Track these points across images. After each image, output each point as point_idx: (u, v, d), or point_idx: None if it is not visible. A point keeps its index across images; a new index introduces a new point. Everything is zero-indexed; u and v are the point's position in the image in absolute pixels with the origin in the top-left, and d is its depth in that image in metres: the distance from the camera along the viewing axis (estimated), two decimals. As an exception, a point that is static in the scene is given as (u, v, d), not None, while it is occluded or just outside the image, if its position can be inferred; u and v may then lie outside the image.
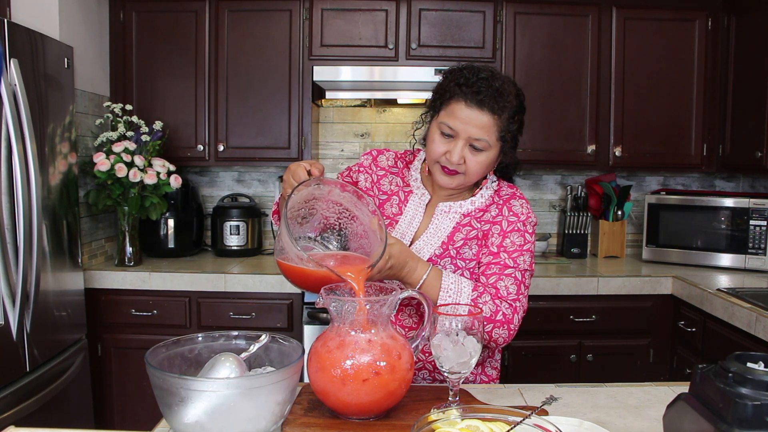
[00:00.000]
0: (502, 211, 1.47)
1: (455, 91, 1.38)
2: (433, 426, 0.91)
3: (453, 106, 1.38)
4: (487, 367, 1.57)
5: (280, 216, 1.23)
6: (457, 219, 1.49)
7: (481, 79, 1.37)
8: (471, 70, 1.40)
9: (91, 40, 2.86)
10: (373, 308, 1.15)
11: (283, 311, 2.73)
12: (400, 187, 1.56)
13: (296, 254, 1.19)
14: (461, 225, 1.49)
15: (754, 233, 2.81)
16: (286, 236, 1.17)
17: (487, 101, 1.35)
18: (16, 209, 2.01)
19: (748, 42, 2.87)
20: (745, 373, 0.80)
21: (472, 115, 1.36)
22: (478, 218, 1.49)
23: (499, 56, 3.00)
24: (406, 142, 1.63)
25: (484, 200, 1.50)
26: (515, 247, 1.43)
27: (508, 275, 1.41)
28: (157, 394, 0.98)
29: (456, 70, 1.42)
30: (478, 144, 1.38)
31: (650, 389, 1.39)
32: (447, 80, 1.42)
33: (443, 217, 1.50)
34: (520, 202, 1.49)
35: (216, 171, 3.40)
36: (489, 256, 1.44)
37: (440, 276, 1.36)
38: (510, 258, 1.42)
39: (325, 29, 2.98)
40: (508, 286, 1.40)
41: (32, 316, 2.11)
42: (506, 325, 1.37)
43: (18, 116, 1.99)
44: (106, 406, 2.77)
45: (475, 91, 1.36)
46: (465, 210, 1.50)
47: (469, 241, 1.47)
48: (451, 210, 1.50)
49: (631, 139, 3.06)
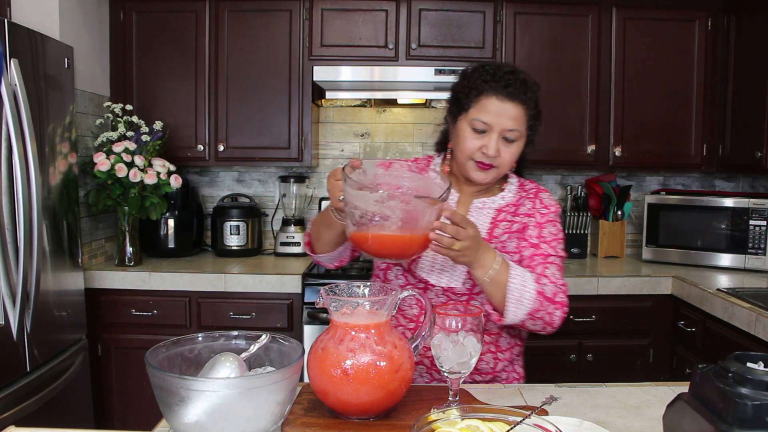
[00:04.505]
0: (535, 204, 1.53)
1: (483, 87, 1.43)
2: (433, 426, 0.91)
3: (483, 101, 1.43)
4: (516, 365, 1.58)
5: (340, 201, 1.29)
6: (492, 214, 1.53)
7: (506, 72, 1.44)
8: (493, 65, 1.47)
9: (91, 40, 2.86)
10: (373, 308, 1.15)
11: (283, 311, 2.73)
12: None
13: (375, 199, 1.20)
14: (497, 220, 1.52)
15: (754, 233, 2.81)
16: (356, 195, 1.21)
17: (516, 93, 1.42)
18: (16, 209, 2.01)
19: (748, 42, 2.87)
20: (745, 373, 0.80)
21: (504, 107, 1.42)
22: (513, 213, 1.53)
23: (499, 56, 3.00)
24: (406, 142, 1.64)
25: (513, 195, 1.55)
26: (552, 236, 1.50)
27: (551, 263, 1.47)
28: (157, 394, 0.98)
29: (478, 68, 1.48)
30: (511, 135, 1.43)
31: (650, 389, 1.39)
32: (471, 78, 1.46)
33: (478, 213, 1.53)
34: (547, 194, 1.57)
35: (216, 171, 3.40)
36: (531, 248, 1.49)
37: (508, 266, 1.38)
38: (550, 247, 1.48)
39: (325, 29, 2.98)
40: (555, 272, 1.46)
41: (32, 316, 2.11)
42: (563, 308, 1.42)
43: (18, 116, 1.99)
44: (106, 406, 2.77)
45: (503, 84, 1.42)
46: (497, 205, 1.54)
47: (511, 234, 1.51)
48: (485, 206, 1.54)
49: (631, 139, 3.06)
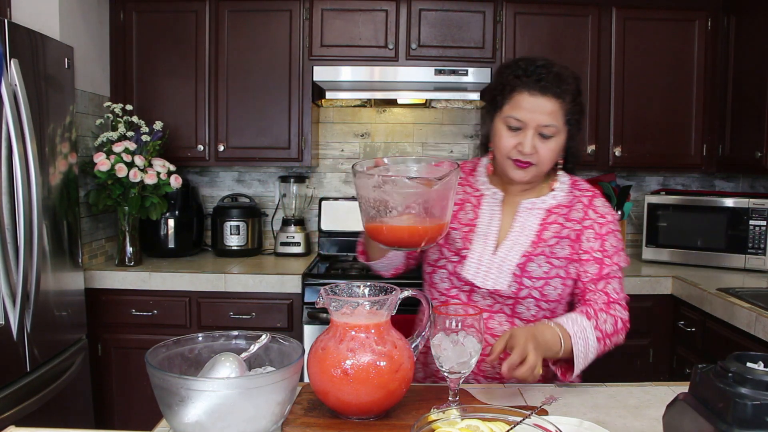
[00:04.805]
0: (588, 214, 1.47)
1: (516, 83, 1.39)
2: (433, 426, 0.91)
3: (516, 98, 1.39)
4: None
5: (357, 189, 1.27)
6: (542, 215, 1.48)
7: (539, 66, 1.38)
8: (526, 60, 1.42)
9: (92, 40, 2.86)
10: (373, 308, 1.15)
11: (283, 311, 2.73)
12: (469, 194, 1.54)
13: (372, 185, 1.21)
14: (547, 222, 1.47)
15: (754, 233, 2.81)
16: (359, 185, 1.22)
17: (549, 87, 1.36)
18: (16, 209, 2.01)
19: (748, 42, 2.87)
20: (745, 373, 0.80)
21: (538, 102, 1.37)
22: (565, 216, 1.47)
23: (499, 56, 3.00)
24: (406, 142, 1.64)
25: (564, 194, 1.50)
26: (614, 249, 1.46)
27: (613, 277, 1.44)
28: (157, 394, 0.98)
29: (511, 64, 1.44)
30: (547, 131, 1.38)
31: (650, 389, 1.39)
32: (504, 75, 1.43)
33: (527, 214, 1.48)
34: (602, 201, 1.51)
35: (216, 171, 3.40)
36: (594, 264, 1.44)
37: (567, 332, 1.34)
38: (613, 262, 1.45)
39: (325, 29, 2.98)
40: (616, 288, 1.44)
41: (32, 316, 2.11)
42: (625, 327, 1.44)
43: (18, 116, 1.99)
44: (106, 406, 2.77)
45: (536, 79, 1.37)
46: (548, 205, 1.49)
47: (561, 239, 1.45)
48: (535, 206, 1.48)
49: (630, 139, 3.06)
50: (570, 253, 1.45)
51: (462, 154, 3.38)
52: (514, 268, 1.43)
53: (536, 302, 1.44)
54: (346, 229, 3.23)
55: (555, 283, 1.44)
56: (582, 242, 1.46)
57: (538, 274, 1.43)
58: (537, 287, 1.43)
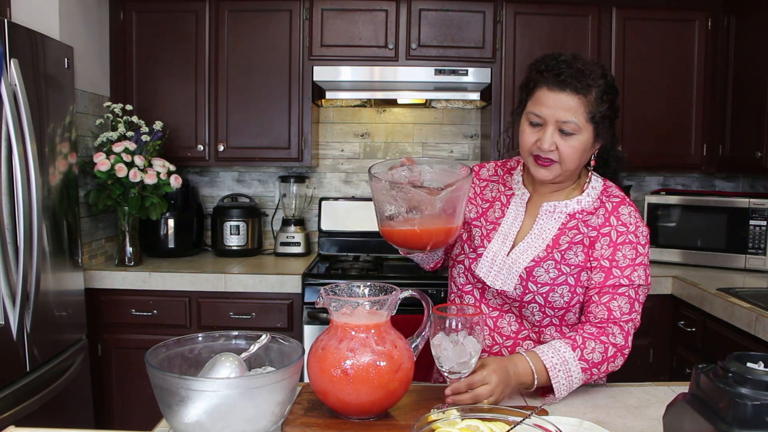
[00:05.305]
0: (609, 220, 1.41)
1: (538, 79, 1.37)
2: (433, 426, 0.91)
3: (537, 93, 1.37)
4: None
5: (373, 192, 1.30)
6: (563, 220, 1.43)
7: (561, 61, 1.35)
8: (552, 56, 1.38)
9: (91, 40, 2.86)
10: (373, 308, 1.15)
11: (283, 311, 2.73)
12: (502, 192, 1.53)
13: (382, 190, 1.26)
14: (567, 227, 1.42)
15: (754, 233, 2.81)
16: (373, 188, 1.27)
17: (569, 81, 1.33)
18: (16, 209, 2.01)
19: (748, 42, 2.87)
20: (745, 373, 0.80)
21: (557, 98, 1.33)
22: (585, 221, 1.42)
23: (499, 56, 3.00)
24: (406, 142, 1.63)
25: (591, 200, 1.43)
26: (627, 261, 1.37)
27: (622, 294, 1.36)
28: (157, 394, 0.98)
29: (538, 60, 1.41)
30: (567, 127, 1.34)
31: (650, 389, 1.39)
32: (530, 71, 1.41)
33: (548, 217, 1.44)
34: (629, 209, 1.42)
35: (216, 171, 3.40)
36: (600, 273, 1.38)
37: (545, 367, 1.29)
38: (623, 276, 1.36)
39: (325, 29, 2.98)
40: (622, 305, 1.35)
41: (32, 316, 2.11)
42: (620, 353, 1.35)
43: (18, 116, 1.99)
44: (106, 406, 2.77)
45: (556, 73, 1.34)
46: (571, 210, 1.43)
47: (574, 245, 1.40)
48: (556, 210, 1.44)
49: (631, 139, 3.05)
50: (583, 261, 1.40)
51: (462, 154, 3.38)
52: (522, 271, 1.40)
53: (540, 308, 1.41)
54: (346, 229, 3.23)
55: (562, 291, 1.39)
56: (595, 249, 1.40)
57: (544, 279, 1.39)
58: (542, 293, 1.39)
